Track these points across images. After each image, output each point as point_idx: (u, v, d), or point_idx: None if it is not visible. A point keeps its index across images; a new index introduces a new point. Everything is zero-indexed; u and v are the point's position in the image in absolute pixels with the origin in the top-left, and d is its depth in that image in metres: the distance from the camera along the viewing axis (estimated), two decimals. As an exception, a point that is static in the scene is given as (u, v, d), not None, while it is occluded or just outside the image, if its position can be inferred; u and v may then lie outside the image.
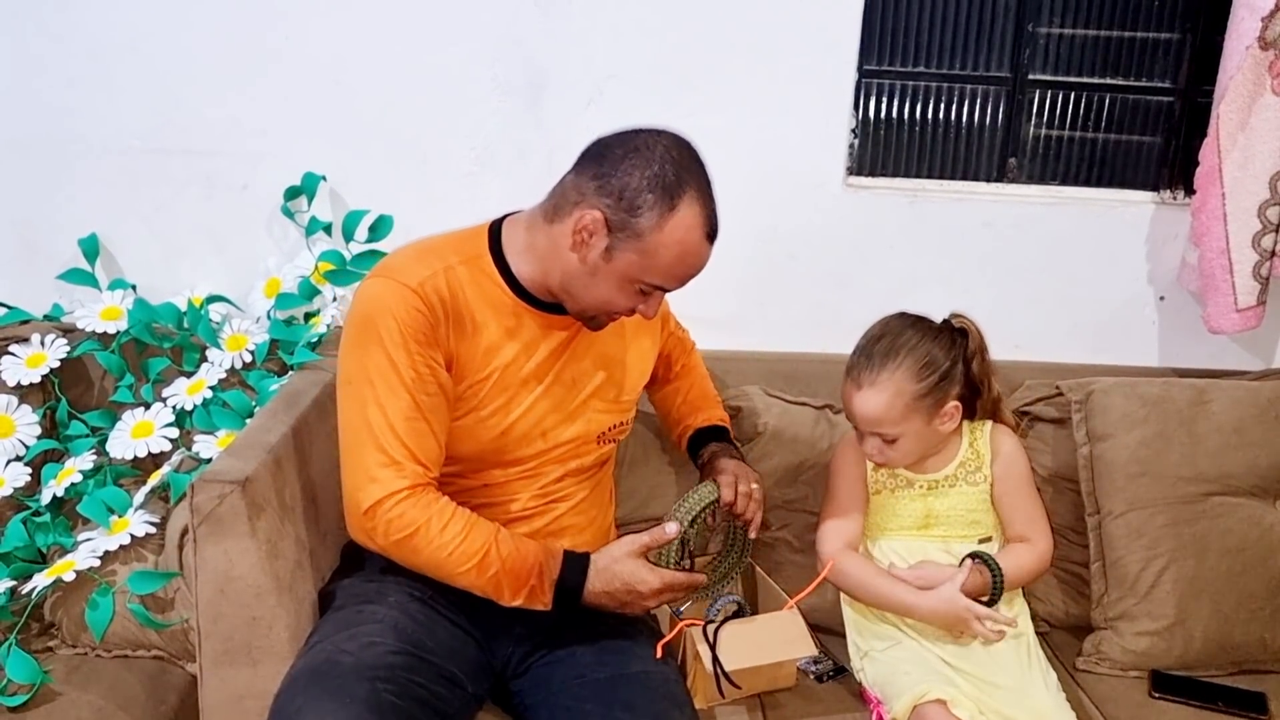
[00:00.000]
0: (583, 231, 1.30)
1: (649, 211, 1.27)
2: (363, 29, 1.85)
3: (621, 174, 1.28)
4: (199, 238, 1.94)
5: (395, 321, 1.30)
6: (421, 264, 1.35)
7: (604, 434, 1.49)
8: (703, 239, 1.31)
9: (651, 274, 1.31)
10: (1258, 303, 1.86)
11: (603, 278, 1.32)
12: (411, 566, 1.34)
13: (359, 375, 1.31)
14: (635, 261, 1.30)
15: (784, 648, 1.51)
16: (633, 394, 1.54)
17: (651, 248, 1.29)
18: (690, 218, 1.29)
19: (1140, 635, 1.64)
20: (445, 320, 1.33)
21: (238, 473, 1.36)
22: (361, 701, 1.19)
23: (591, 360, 1.46)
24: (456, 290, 1.34)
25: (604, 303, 1.35)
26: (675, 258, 1.30)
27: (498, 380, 1.38)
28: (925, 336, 1.51)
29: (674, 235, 1.28)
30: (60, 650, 1.58)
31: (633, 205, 1.28)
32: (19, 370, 1.74)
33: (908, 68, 1.96)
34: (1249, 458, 1.68)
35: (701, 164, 1.33)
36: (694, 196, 1.29)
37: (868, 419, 1.50)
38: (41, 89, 1.87)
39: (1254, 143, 1.79)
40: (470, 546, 1.30)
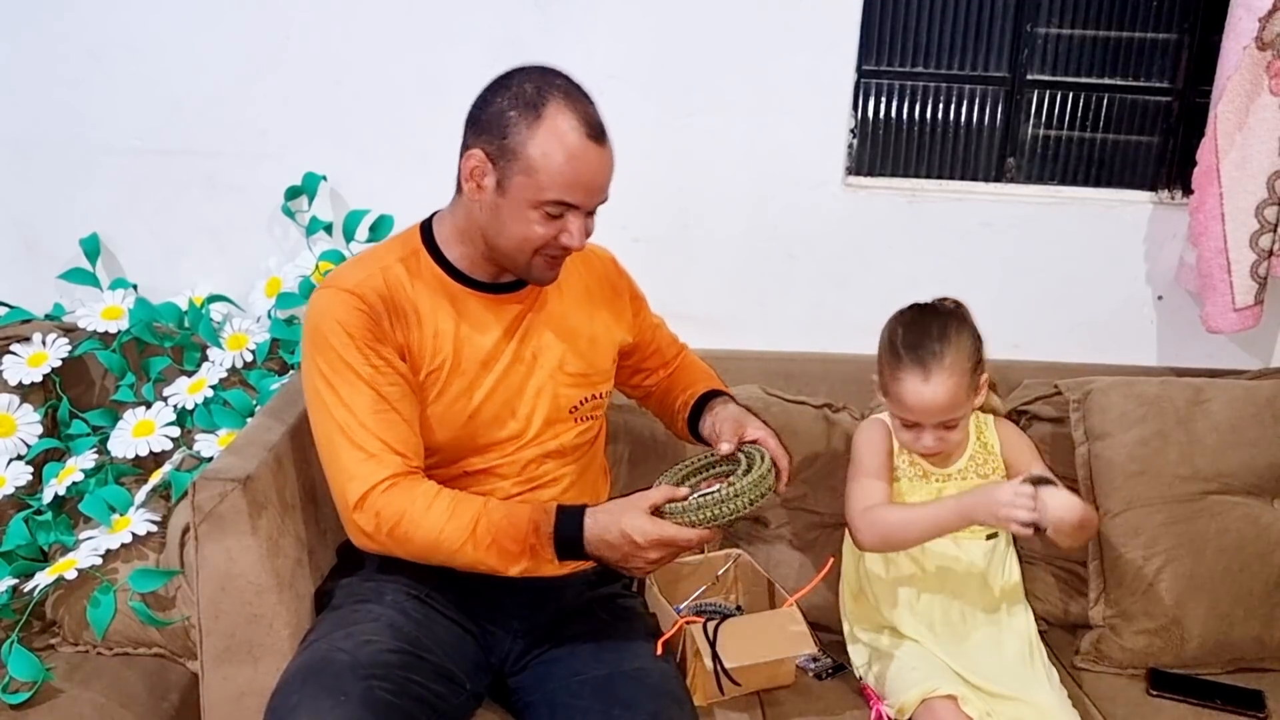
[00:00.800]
0: (473, 176, 1.32)
1: (516, 127, 1.28)
2: (364, 30, 1.86)
3: (487, 108, 1.31)
4: (200, 237, 1.95)
5: (339, 324, 1.32)
6: (358, 269, 1.38)
7: (576, 408, 1.48)
8: (584, 139, 1.29)
9: (546, 190, 1.29)
10: (1255, 302, 1.86)
11: (506, 213, 1.32)
12: (410, 556, 1.33)
13: (320, 383, 1.32)
14: (525, 182, 1.29)
15: (783, 645, 1.51)
16: (603, 366, 1.52)
17: (534, 162, 1.28)
18: (561, 120, 1.28)
19: (1138, 634, 1.64)
20: (388, 314, 1.34)
21: (239, 471, 1.36)
22: (357, 699, 1.19)
23: (553, 333, 1.46)
24: (395, 286, 1.36)
25: (521, 239, 1.33)
26: (560, 164, 1.28)
27: (454, 365, 1.38)
28: (956, 317, 1.53)
29: (550, 142, 1.27)
30: (62, 648, 1.59)
31: (502, 129, 1.29)
32: (20, 369, 1.75)
33: (907, 68, 1.97)
34: (1246, 457, 1.69)
35: (567, 78, 1.32)
36: (560, 101, 1.29)
37: (940, 407, 1.48)
38: (43, 89, 1.87)
39: (1252, 143, 1.79)
40: (460, 521, 1.29)
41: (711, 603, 1.69)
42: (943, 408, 1.48)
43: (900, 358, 1.49)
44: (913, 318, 1.54)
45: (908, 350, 1.49)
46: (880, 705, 1.49)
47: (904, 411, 1.51)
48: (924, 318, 1.53)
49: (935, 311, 1.54)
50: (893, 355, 1.51)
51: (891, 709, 1.47)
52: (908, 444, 1.56)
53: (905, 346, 1.50)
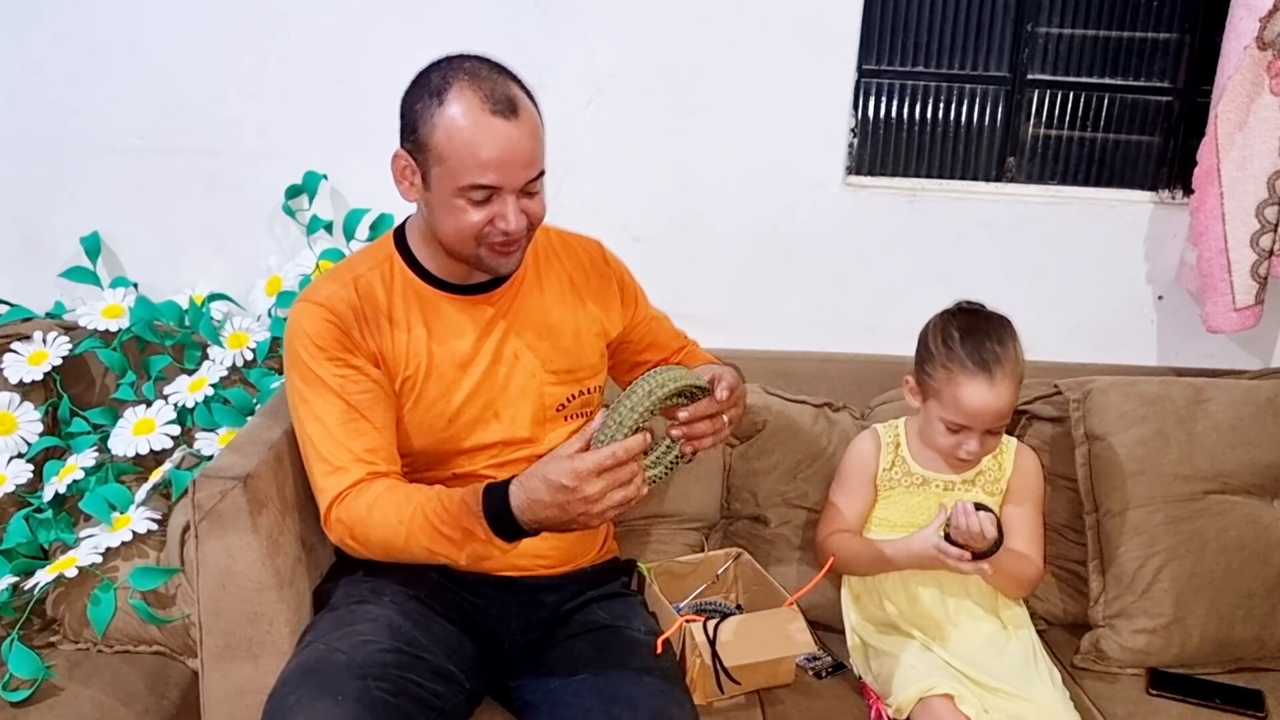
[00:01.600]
0: (402, 177, 1.32)
1: (423, 119, 1.27)
2: (364, 28, 1.86)
3: (405, 107, 1.31)
4: (200, 236, 1.95)
5: (308, 337, 1.34)
6: (331, 280, 1.39)
7: (564, 405, 1.47)
8: (485, 115, 1.24)
9: (461, 175, 1.26)
10: (1256, 302, 1.86)
11: (437, 206, 1.30)
12: (384, 558, 1.34)
13: (295, 398, 1.36)
14: (440, 172, 1.27)
15: (783, 644, 1.51)
16: (591, 362, 1.50)
17: (443, 151, 1.25)
18: (462, 102, 1.24)
19: (1138, 633, 1.64)
20: (359, 323, 1.35)
21: (239, 469, 1.36)
22: (354, 699, 1.19)
23: (534, 333, 1.44)
24: (366, 295, 1.37)
25: (457, 230, 1.30)
26: (467, 144, 1.24)
27: (428, 369, 1.38)
28: (1007, 322, 1.53)
29: (454, 126, 1.24)
30: (62, 646, 1.59)
31: (414, 124, 1.28)
32: (21, 368, 1.75)
33: (907, 67, 1.97)
34: (1247, 456, 1.69)
35: (479, 59, 1.29)
36: (463, 83, 1.25)
37: (1000, 412, 1.49)
38: (44, 88, 1.87)
39: (1252, 142, 1.79)
40: (401, 514, 1.27)
41: (711, 601, 1.69)
42: (1002, 412, 1.49)
43: (964, 363, 1.48)
44: (969, 321, 1.52)
45: (971, 354, 1.48)
46: (879, 704, 1.49)
47: (960, 416, 1.49)
48: (979, 321, 1.52)
49: (988, 315, 1.54)
50: (952, 359, 1.49)
51: (890, 707, 1.47)
52: (947, 449, 1.54)
53: (967, 351, 1.48)
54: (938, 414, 1.52)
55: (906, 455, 1.63)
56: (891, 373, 1.70)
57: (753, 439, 1.78)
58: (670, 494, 1.78)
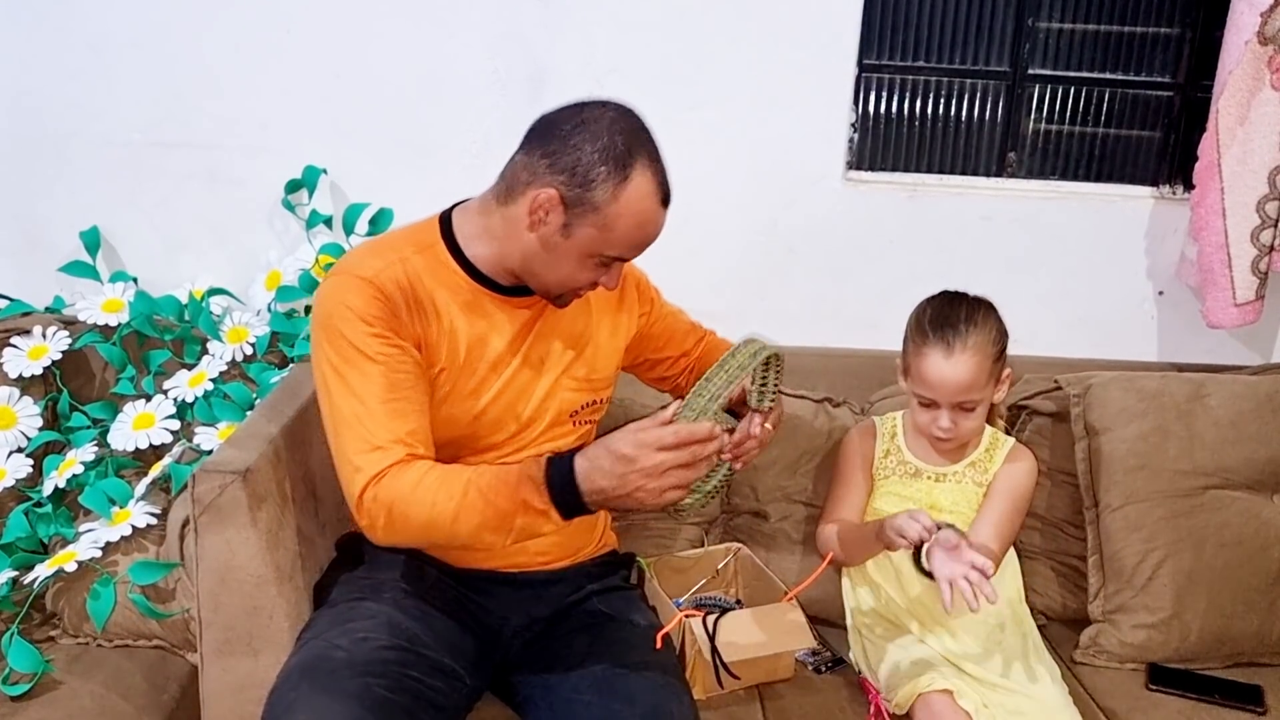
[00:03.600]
0: (539, 211, 1.30)
1: (602, 184, 1.27)
2: (363, 22, 1.86)
3: (572, 149, 1.27)
4: (200, 230, 1.95)
5: (353, 312, 1.29)
6: (375, 257, 1.34)
7: (577, 413, 1.47)
8: (658, 205, 1.31)
9: (610, 246, 1.30)
10: (1256, 297, 1.86)
11: (562, 254, 1.31)
12: (415, 540, 1.32)
13: (330, 372, 1.29)
14: (594, 235, 1.29)
15: (782, 639, 1.51)
16: (605, 372, 1.51)
17: (609, 220, 1.28)
18: (644, 185, 1.28)
19: (1137, 628, 1.64)
20: (406, 306, 1.32)
21: (239, 463, 1.36)
22: (354, 697, 1.19)
23: (560, 339, 1.45)
24: (414, 278, 1.34)
25: (566, 279, 1.34)
26: (632, 227, 1.29)
27: (465, 365, 1.37)
28: (984, 305, 1.56)
29: (630, 205, 1.28)
30: (62, 640, 1.59)
31: (586, 180, 1.27)
32: (21, 362, 1.75)
33: (907, 62, 1.97)
34: (1246, 452, 1.69)
35: (648, 131, 1.32)
36: (645, 164, 1.28)
37: (960, 385, 1.51)
38: (43, 82, 1.87)
39: (1253, 137, 1.79)
40: (450, 489, 1.23)
41: (711, 596, 1.69)
42: (962, 386, 1.51)
43: (926, 334, 1.53)
44: (943, 300, 1.58)
45: (933, 327, 1.53)
46: (879, 699, 1.50)
47: (924, 388, 1.54)
48: (954, 301, 1.57)
49: (964, 297, 1.58)
50: (919, 332, 1.55)
51: (890, 702, 1.47)
52: (924, 426, 1.57)
53: (931, 324, 1.54)
54: (912, 389, 1.58)
55: (901, 445, 1.64)
56: (892, 368, 1.69)
57: (753, 434, 1.78)
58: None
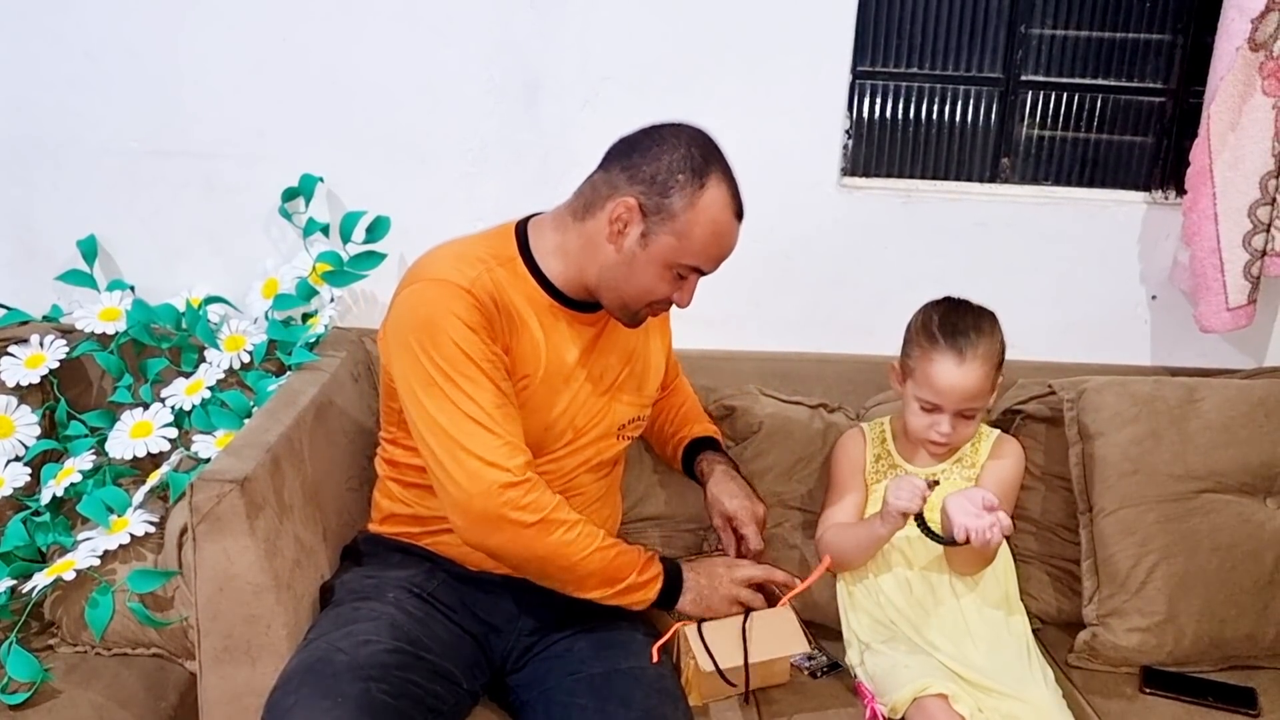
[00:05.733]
0: (618, 221, 1.33)
1: (680, 191, 1.31)
2: (360, 31, 1.86)
3: (651, 160, 1.32)
4: (197, 239, 1.95)
5: (459, 319, 1.31)
6: (465, 265, 1.36)
7: (623, 427, 1.52)
8: (732, 217, 1.36)
9: (688, 255, 1.34)
10: (1248, 302, 1.87)
11: (641, 265, 1.34)
12: (529, 556, 1.33)
13: (437, 374, 1.30)
14: (672, 244, 1.33)
15: (778, 644, 1.52)
16: (652, 390, 1.57)
17: (686, 227, 1.32)
18: (720, 195, 1.33)
19: (1131, 631, 1.65)
20: (499, 316, 1.35)
21: (236, 472, 1.37)
22: (354, 700, 1.19)
23: (617, 355, 1.49)
24: (500, 290, 1.37)
25: (645, 291, 1.37)
26: (709, 235, 1.34)
27: (544, 377, 1.40)
28: (989, 314, 1.58)
29: (707, 213, 1.32)
30: (60, 648, 1.60)
31: (665, 187, 1.32)
32: (18, 371, 1.75)
33: (901, 68, 1.97)
34: (1239, 455, 1.69)
35: (721, 150, 1.38)
36: (720, 175, 1.34)
37: (968, 392, 1.52)
38: (40, 90, 1.88)
39: (1244, 143, 1.80)
40: (593, 529, 1.35)
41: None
42: (971, 393, 1.52)
43: (936, 339, 1.53)
44: (949, 306, 1.59)
45: (945, 333, 1.53)
46: (874, 703, 1.50)
47: (931, 394, 1.54)
48: (960, 308, 1.58)
49: (969, 305, 1.59)
50: (927, 337, 1.55)
51: (885, 707, 1.47)
52: (921, 430, 1.57)
53: (942, 330, 1.54)
54: (913, 393, 1.57)
55: (892, 449, 1.65)
56: (887, 373, 1.70)
57: (748, 440, 1.79)
58: (667, 495, 1.79)
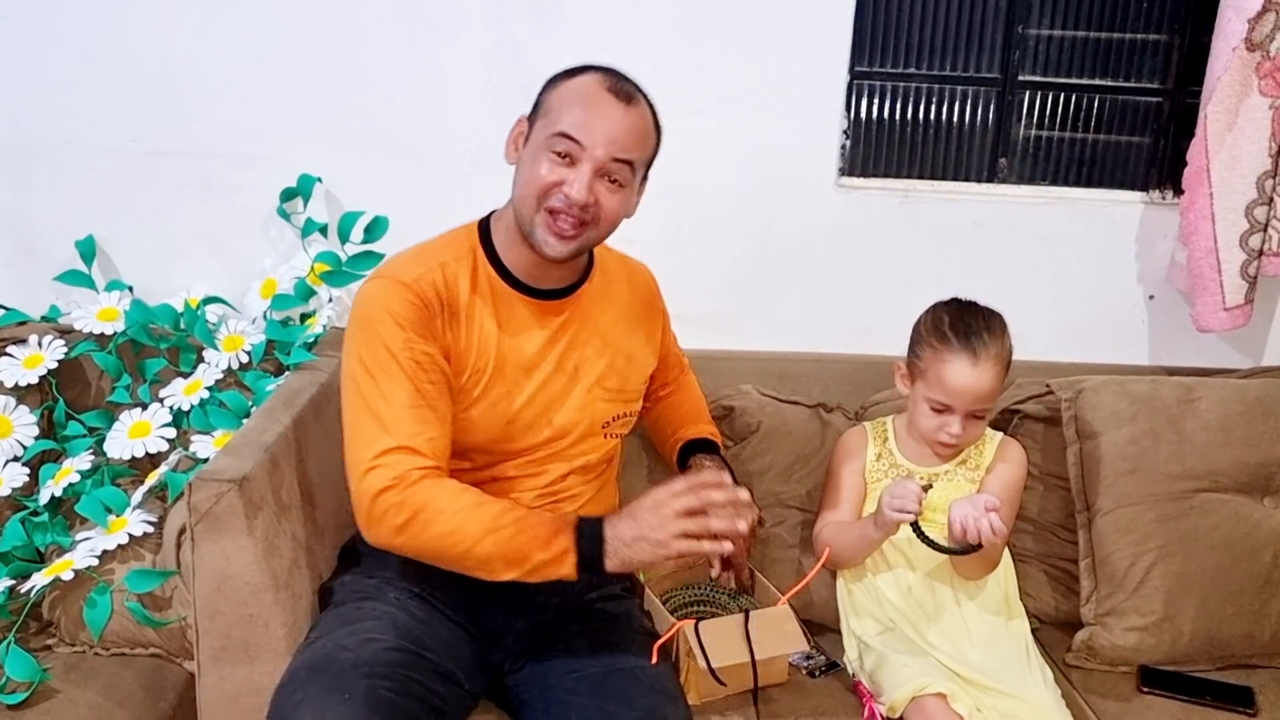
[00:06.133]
0: (512, 143, 1.39)
1: (551, 88, 1.37)
2: (358, 31, 1.86)
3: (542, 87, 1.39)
4: (195, 239, 1.95)
5: (390, 315, 1.32)
6: (415, 263, 1.38)
7: (608, 424, 1.50)
8: (602, 90, 1.33)
9: (555, 123, 1.32)
10: (1245, 301, 1.88)
11: (526, 161, 1.36)
12: (421, 551, 1.29)
13: (360, 371, 1.32)
14: (541, 124, 1.35)
15: (776, 643, 1.52)
16: (636, 386, 1.55)
17: (551, 104, 1.35)
18: (588, 76, 1.35)
19: (1129, 631, 1.65)
20: (441, 313, 1.35)
21: (235, 472, 1.37)
22: (360, 697, 1.19)
23: (594, 349, 1.47)
24: (451, 284, 1.37)
25: (529, 180, 1.34)
26: (572, 102, 1.33)
27: (496, 368, 1.39)
28: (999, 316, 1.58)
29: (569, 88, 1.35)
30: (59, 648, 1.59)
31: (541, 93, 1.38)
32: (17, 371, 1.75)
33: (899, 69, 1.98)
34: (1236, 455, 1.70)
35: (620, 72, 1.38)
36: (598, 71, 1.36)
37: (981, 393, 1.53)
38: (38, 91, 1.88)
39: (1241, 143, 1.81)
40: (485, 512, 1.27)
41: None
42: (984, 394, 1.53)
43: (950, 341, 1.54)
44: (960, 307, 1.59)
45: (958, 334, 1.54)
46: (873, 703, 1.50)
47: (944, 395, 1.54)
48: (971, 309, 1.59)
49: (980, 307, 1.60)
50: (939, 338, 1.55)
51: (884, 706, 1.48)
52: (930, 432, 1.58)
53: (955, 331, 1.55)
54: (923, 394, 1.57)
55: (894, 448, 1.65)
56: (885, 373, 1.70)
57: (747, 440, 1.79)
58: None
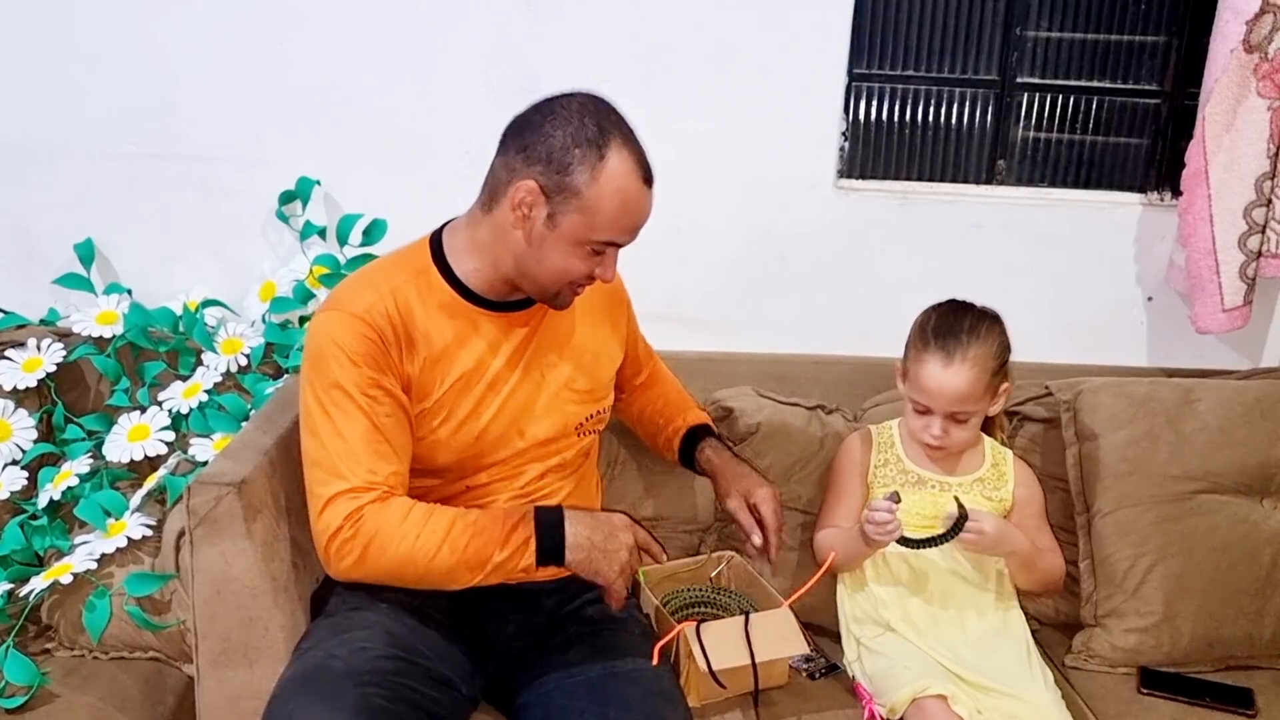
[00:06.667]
0: (521, 206, 1.30)
1: (580, 166, 1.27)
2: (357, 34, 1.86)
3: (544, 137, 1.28)
4: (194, 242, 1.95)
5: (342, 350, 1.29)
6: (367, 289, 1.35)
7: (581, 425, 1.49)
8: (640, 184, 1.30)
9: (599, 230, 1.30)
10: (1244, 303, 1.88)
11: (551, 247, 1.31)
12: (385, 577, 1.29)
13: (315, 408, 1.30)
14: (580, 221, 1.29)
15: (776, 646, 1.51)
16: (606, 381, 1.53)
17: (592, 203, 1.28)
18: (622, 164, 1.28)
19: (1129, 632, 1.65)
20: (396, 343, 1.33)
21: (234, 475, 1.37)
22: (352, 706, 1.19)
23: (558, 353, 1.46)
24: (405, 309, 1.34)
25: (560, 273, 1.33)
26: (618, 207, 1.29)
27: (461, 388, 1.38)
28: (990, 318, 1.58)
29: (611, 184, 1.28)
30: (58, 652, 1.59)
31: (563, 165, 1.27)
32: (15, 374, 1.75)
33: (897, 71, 1.98)
34: (1235, 456, 1.70)
35: (619, 113, 1.32)
36: (620, 143, 1.29)
37: (956, 395, 1.52)
38: (37, 94, 1.88)
39: (1239, 145, 1.81)
40: (436, 525, 1.26)
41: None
42: (958, 396, 1.52)
43: (927, 341, 1.55)
44: (948, 309, 1.59)
45: (935, 335, 1.55)
46: (872, 705, 1.50)
47: (919, 395, 1.55)
48: (959, 310, 1.59)
49: (971, 308, 1.59)
50: (920, 338, 1.56)
51: (884, 708, 1.48)
52: (916, 432, 1.59)
53: (934, 332, 1.55)
54: (908, 393, 1.59)
55: (900, 454, 1.65)
56: (884, 375, 1.70)
57: (746, 441, 1.79)
58: (664, 497, 1.79)
